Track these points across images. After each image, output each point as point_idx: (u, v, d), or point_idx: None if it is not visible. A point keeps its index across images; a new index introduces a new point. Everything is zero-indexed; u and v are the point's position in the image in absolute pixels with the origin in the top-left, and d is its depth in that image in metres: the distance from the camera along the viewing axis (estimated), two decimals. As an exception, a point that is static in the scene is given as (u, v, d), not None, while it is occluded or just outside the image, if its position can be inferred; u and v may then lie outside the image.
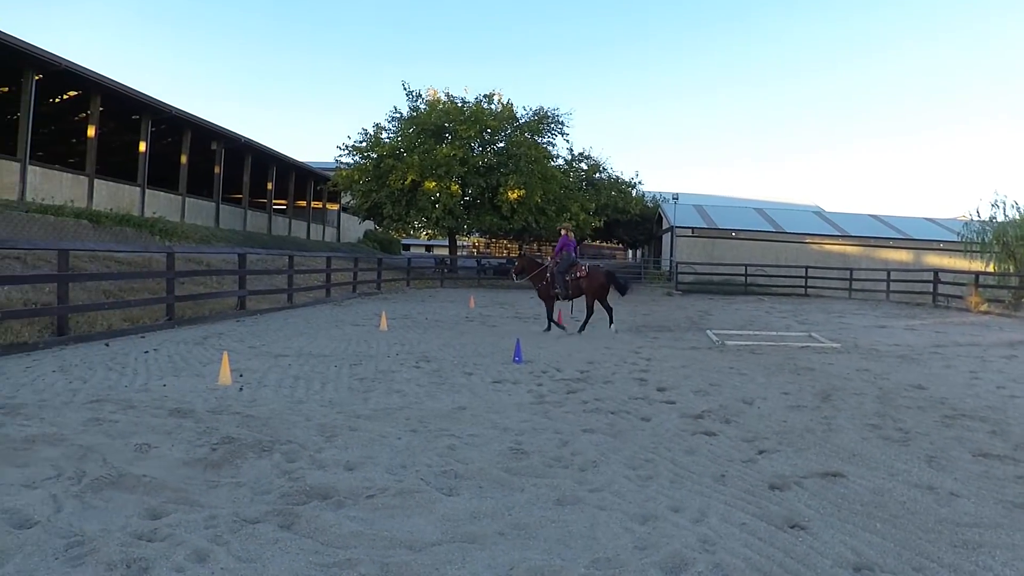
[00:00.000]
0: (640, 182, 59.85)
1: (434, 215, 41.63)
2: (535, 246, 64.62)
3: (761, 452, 6.50)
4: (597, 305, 17.30)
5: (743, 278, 39.61)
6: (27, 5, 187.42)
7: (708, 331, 17.48)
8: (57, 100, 29.97)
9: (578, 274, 16.78)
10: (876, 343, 15.42)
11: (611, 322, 17.14)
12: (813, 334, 17.04)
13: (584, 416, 7.79)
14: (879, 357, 13.05)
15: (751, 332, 17.55)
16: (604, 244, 75.16)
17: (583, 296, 16.97)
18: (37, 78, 24.68)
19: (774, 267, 43.07)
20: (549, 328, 16.92)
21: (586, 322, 16.85)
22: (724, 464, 6.10)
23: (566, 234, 17.23)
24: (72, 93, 29.17)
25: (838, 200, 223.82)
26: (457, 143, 41.39)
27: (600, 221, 47.02)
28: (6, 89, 28.54)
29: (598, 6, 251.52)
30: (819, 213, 59.00)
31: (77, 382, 8.97)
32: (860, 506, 5.13)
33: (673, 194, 50.82)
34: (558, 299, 17.05)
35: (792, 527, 4.73)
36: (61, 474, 5.30)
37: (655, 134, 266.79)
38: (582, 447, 6.51)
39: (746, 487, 5.49)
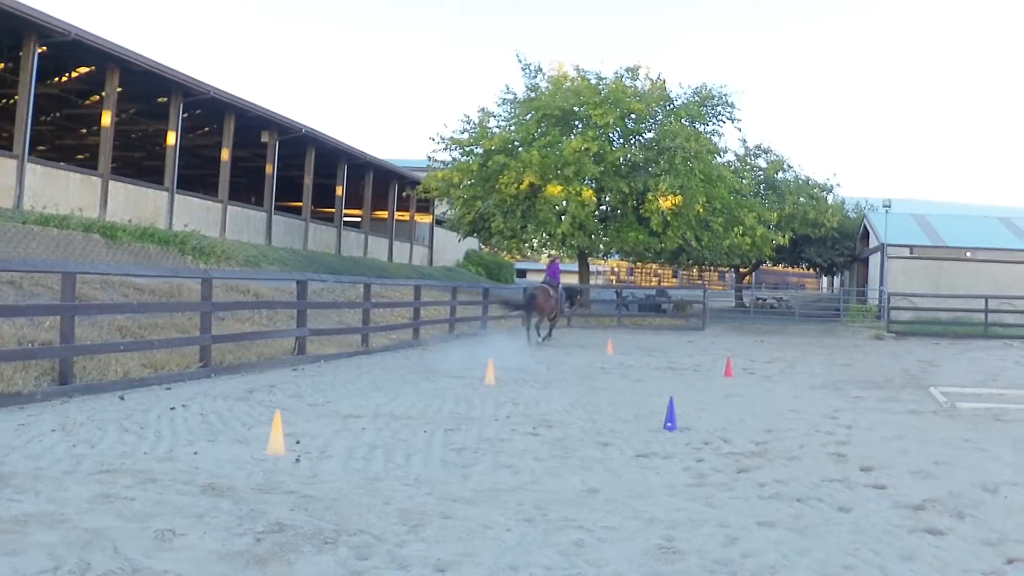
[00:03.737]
0: (838, 185, 59.17)
1: (559, 230, 41.41)
2: (695, 271, 64.28)
3: (1010, 562, 6.27)
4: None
5: (983, 315, 38.47)
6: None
7: (933, 389, 16.99)
8: (64, 79, 30.91)
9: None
10: None
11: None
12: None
13: (760, 504, 7.66)
14: None
15: (994, 391, 16.99)
16: (789, 269, 74.15)
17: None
18: (40, 50, 25.17)
19: (1029, 299, 41.64)
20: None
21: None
22: (957, 576, 5.91)
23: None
24: (83, 70, 30.01)
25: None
26: (591, 133, 41.21)
27: (784, 237, 46.36)
28: (0, 66, 29.37)
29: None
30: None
31: (83, 446, 9.21)
32: None
33: (884, 200, 49.92)
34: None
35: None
36: (59, 566, 5.37)
37: (857, 123, 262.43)
38: (757, 547, 6.40)
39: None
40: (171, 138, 30.96)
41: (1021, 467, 9.51)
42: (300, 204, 41.45)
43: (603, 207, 44.19)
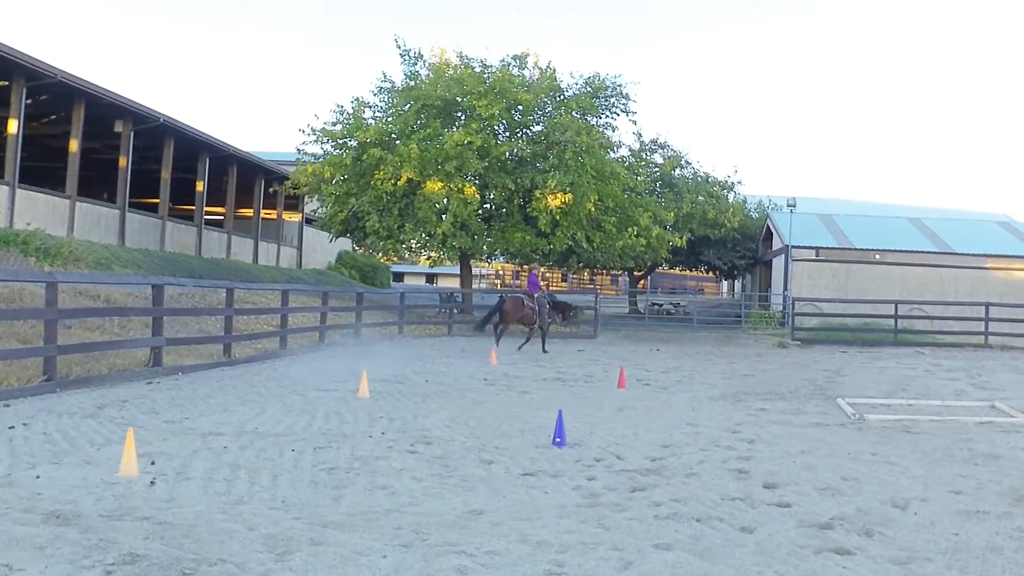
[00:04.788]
0: (739, 182, 59.86)
1: (440, 230, 41.16)
2: (586, 274, 64.66)
3: (921, 581, 6.41)
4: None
5: (892, 321, 39.29)
6: None
7: (840, 400, 17.29)
8: None
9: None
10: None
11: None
12: (998, 404, 16.85)
13: (656, 525, 7.72)
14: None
15: (904, 402, 17.38)
16: (687, 272, 75.01)
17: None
18: None
19: (939, 304, 42.70)
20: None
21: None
22: (865, 599, 6.02)
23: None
24: None
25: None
26: (474, 126, 41.05)
27: (681, 239, 46.85)
28: None
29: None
30: (1008, 225, 58.66)
31: (-86, 472, 8.99)
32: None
33: (788, 199, 50.67)
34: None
35: None
36: None
37: (761, 118, 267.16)
38: (653, 571, 6.44)
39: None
40: (12, 126, 30.17)
41: (931, 481, 9.73)
42: (157, 201, 40.83)
43: (487, 205, 44.17)
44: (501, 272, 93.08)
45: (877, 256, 49.17)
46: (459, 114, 43.12)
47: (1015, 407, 16.41)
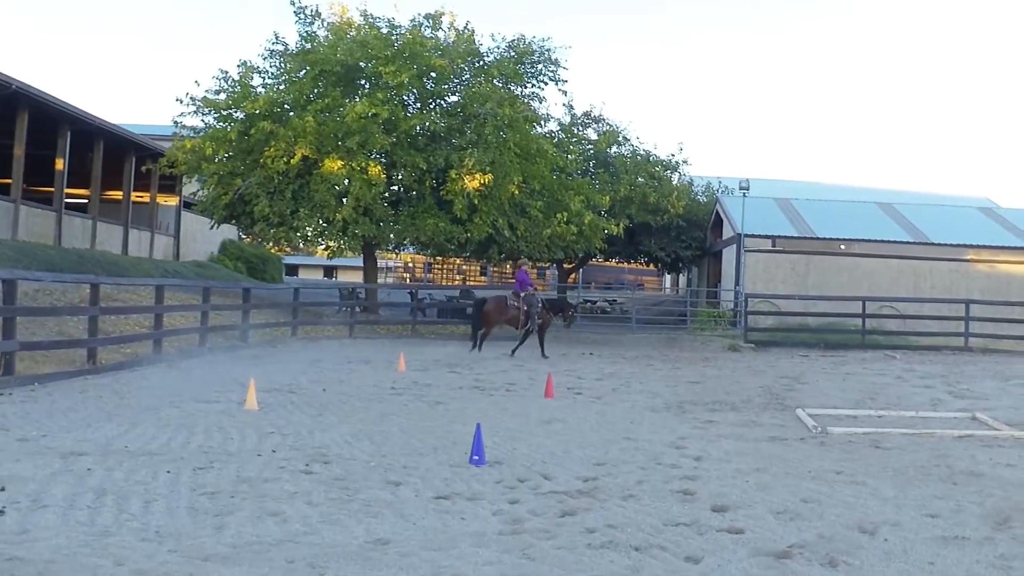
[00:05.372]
0: (685, 162, 59.71)
1: (340, 216, 40.95)
2: (508, 267, 64.76)
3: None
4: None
5: (859, 320, 39.64)
6: None
7: (800, 411, 17.48)
8: None
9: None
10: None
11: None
12: (980, 415, 17.09)
13: (589, 555, 7.75)
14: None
15: (872, 413, 17.58)
16: (624, 264, 75.18)
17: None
18: None
19: (913, 301, 43.20)
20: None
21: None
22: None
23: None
24: None
25: (1022, 191, 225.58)
26: (380, 95, 40.90)
27: (618, 226, 46.98)
28: None
29: None
30: (990, 211, 59.57)
31: None
32: None
33: (741, 181, 50.85)
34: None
35: None
36: None
37: (711, 90, 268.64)
38: (586, 609, 6.46)
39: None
40: None
41: (904, 503, 9.84)
42: (9, 181, 40.21)
43: (395, 187, 44.19)
44: (411, 264, 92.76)
45: (842, 246, 49.62)
46: (362, 82, 43.03)
47: (998, 419, 16.66)
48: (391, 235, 44.33)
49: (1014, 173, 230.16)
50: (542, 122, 47.24)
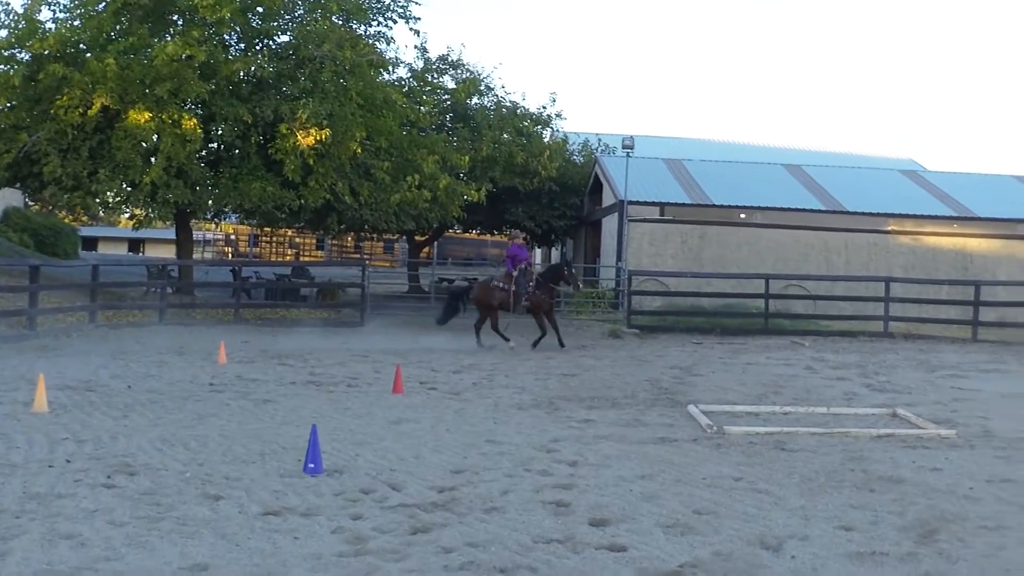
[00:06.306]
0: (559, 116, 59.81)
1: (147, 178, 40.10)
2: (350, 239, 64.39)
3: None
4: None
5: (762, 301, 39.90)
6: None
7: (692, 407, 17.64)
8: None
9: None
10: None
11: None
12: (901, 411, 17.41)
13: (446, 580, 7.75)
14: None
15: (777, 409, 17.82)
16: (487, 237, 75.29)
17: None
18: None
19: (825, 279, 43.68)
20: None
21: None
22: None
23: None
24: None
25: (951, 152, 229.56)
26: (195, 34, 40.03)
27: (480, 191, 46.74)
28: None
29: None
30: (915, 175, 60.44)
31: None
32: None
33: (624, 138, 50.70)
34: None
35: None
36: None
37: (591, 33, 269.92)
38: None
39: None
40: None
41: (814, 514, 9.99)
42: None
43: (214, 145, 43.74)
44: (234, 237, 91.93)
45: (743, 215, 50.04)
46: (175, 17, 42.23)
47: (922, 416, 16.95)
48: (209, 201, 43.88)
49: (942, 131, 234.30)
50: (390, 68, 47.00)
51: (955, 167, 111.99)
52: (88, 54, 40.02)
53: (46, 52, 38.96)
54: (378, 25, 45.50)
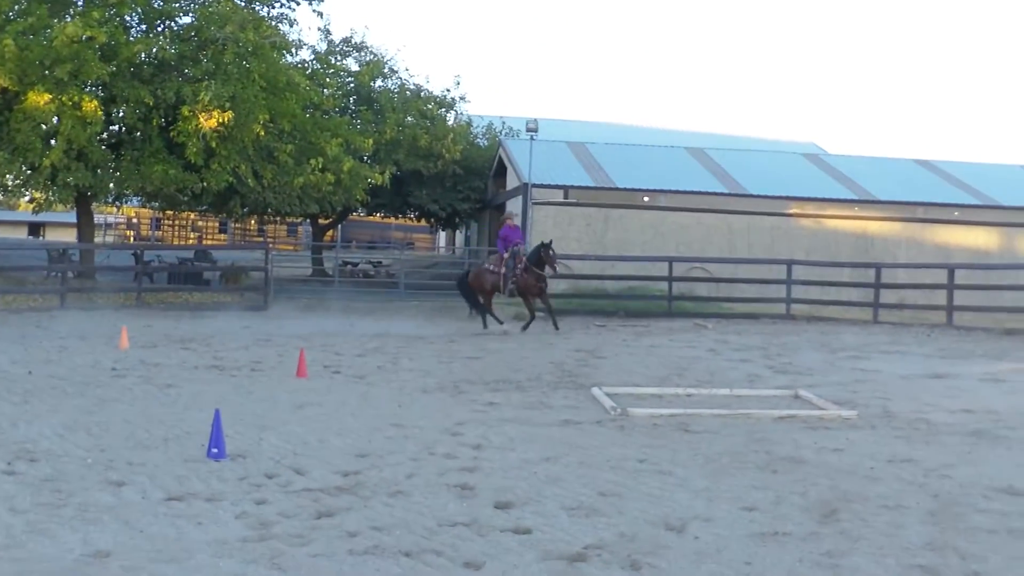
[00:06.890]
0: (463, 99, 59.76)
1: (47, 161, 39.91)
2: (253, 223, 64.06)
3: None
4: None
5: (666, 284, 40.01)
6: None
7: (596, 389, 17.65)
8: None
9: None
10: (927, 407, 16.01)
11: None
12: (803, 392, 17.53)
13: (351, 563, 7.77)
14: (933, 435, 13.60)
15: (680, 391, 17.87)
16: (391, 220, 75.07)
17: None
18: None
19: (728, 262, 43.91)
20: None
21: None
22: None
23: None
24: None
25: (852, 136, 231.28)
26: (96, 15, 39.60)
27: (384, 175, 46.64)
28: None
29: None
30: (817, 158, 60.99)
31: None
32: None
33: (528, 121, 50.61)
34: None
35: None
36: None
37: (494, 15, 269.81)
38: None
39: None
40: None
41: (717, 495, 10.03)
42: None
43: (115, 127, 43.38)
44: (136, 220, 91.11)
45: (646, 198, 50.13)
46: (74, -2, 41.93)
47: (824, 397, 17.07)
48: (111, 184, 43.55)
49: (843, 114, 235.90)
50: (293, 50, 46.78)
51: (856, 151, 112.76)
52: (-17, 34, 39.50)
53: (-62, 32, 38.51)
54: (281, 7, 45.49)
